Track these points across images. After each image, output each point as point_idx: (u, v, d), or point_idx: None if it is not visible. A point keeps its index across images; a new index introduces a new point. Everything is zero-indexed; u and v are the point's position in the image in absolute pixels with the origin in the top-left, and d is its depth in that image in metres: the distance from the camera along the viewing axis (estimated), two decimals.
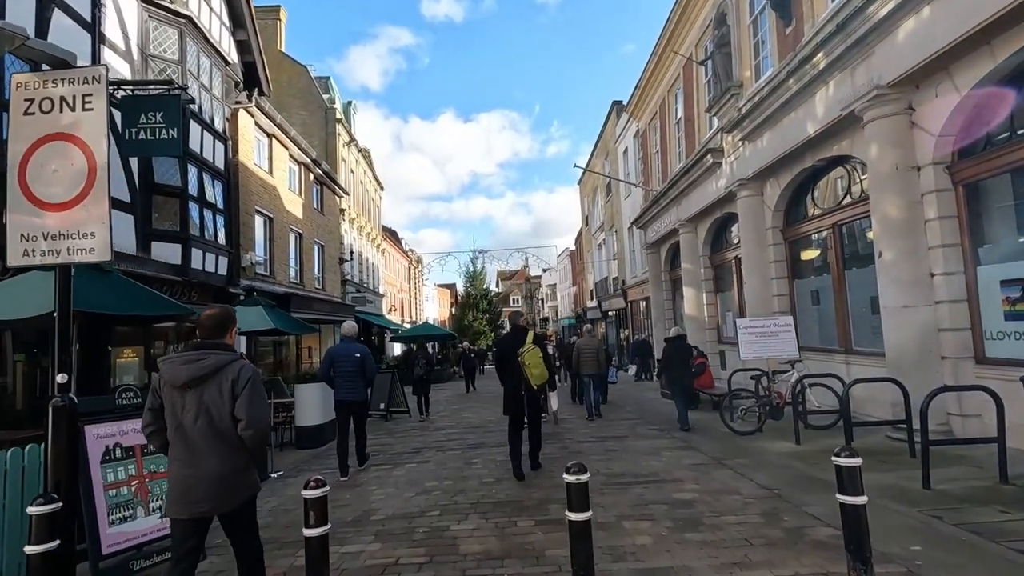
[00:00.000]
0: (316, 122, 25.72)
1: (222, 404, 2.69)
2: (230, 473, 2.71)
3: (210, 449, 2.67)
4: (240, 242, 12.98)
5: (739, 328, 8.34)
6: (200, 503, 2.66)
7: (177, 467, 2.70)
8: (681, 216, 14.75)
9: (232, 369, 2.74)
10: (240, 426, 2.69)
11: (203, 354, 2.76)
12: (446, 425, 10.57)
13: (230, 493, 2.71)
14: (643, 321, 22.59)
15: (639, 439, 7.94)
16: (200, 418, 2.68)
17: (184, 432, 2.69)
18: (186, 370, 2.70)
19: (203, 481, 2.65)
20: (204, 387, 2.70)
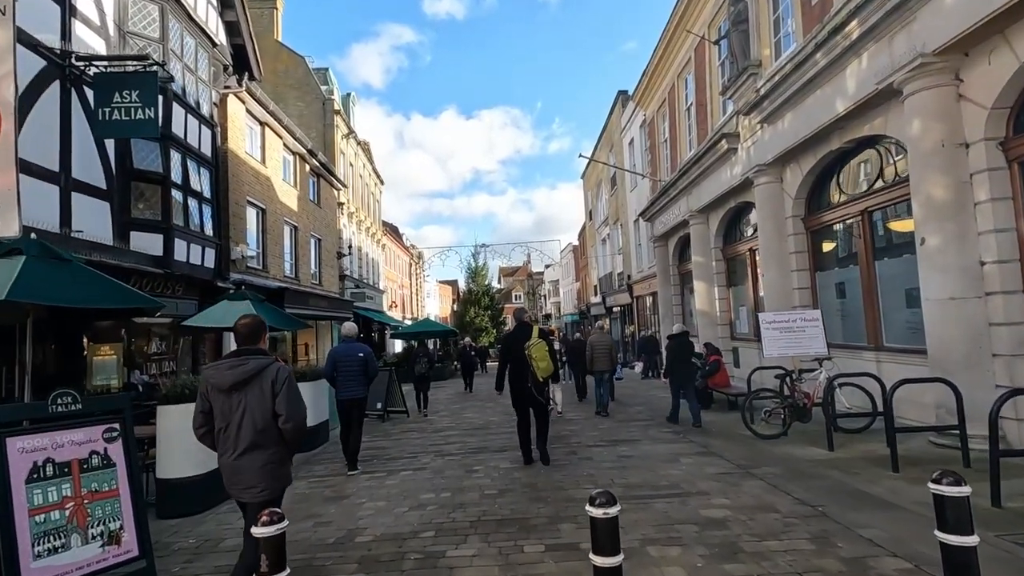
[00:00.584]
0: (313, 113, 25.09)
1: (264, 402, 3.01)
2: (270, 464, 3.03)
3: (254, 444, 2.99)
4: (230, 234, 12.38)
5: (762, 323, 7.70)
6: (245, 490, 3.01)
7: (225, 458, 3.05)
8: (692, 207, 14.10)
9: (271, 371, 3.06)
10: (280, 420, 3.01)
11: (244, 359, 3.07)
12: (446, 426, 9.98)
13: (270, 481, 3.03)
14: (649, 317, 21.96)
15: (654, 443, 7.32)
16: (245, 416, 2.99)
17: (231, 429, 3.01)
18: (231, 374, 3.01)
19: (248, 471, 2.99)
20: (247, 388, 3.01)
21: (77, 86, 7.81)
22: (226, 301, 9.25)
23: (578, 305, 45.22)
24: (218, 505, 5.37)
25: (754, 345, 12.10)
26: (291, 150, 16.93)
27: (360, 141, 29.77)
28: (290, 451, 3.21)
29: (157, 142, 9.22)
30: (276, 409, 3.01)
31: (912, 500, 4.30)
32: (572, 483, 5.48)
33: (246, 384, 3.02)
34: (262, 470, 3.01)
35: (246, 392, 3.02)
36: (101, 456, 3.42)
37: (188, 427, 4.96)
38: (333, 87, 27.42)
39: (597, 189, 32.14)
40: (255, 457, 3.00)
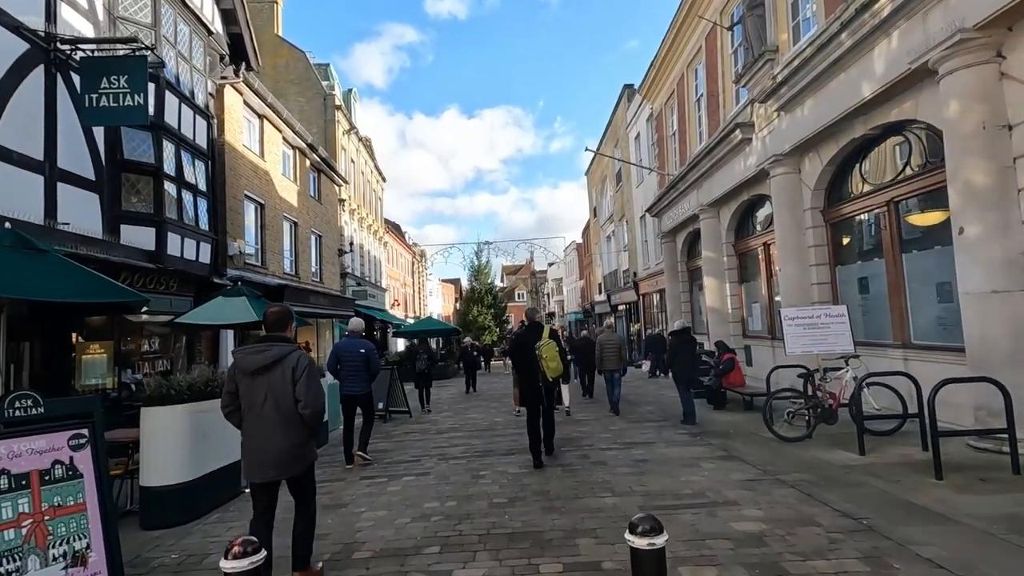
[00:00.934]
0: (314, 109, 24.72)
1: (285, 387, 3.17)
2: (292, 446, 3.21)
3: (277, 426, 3.16)
4: (227, 229, 12.02)
5: (784, 319, 7.30)
6: (269, 470, 3.20)
7: (251, 441, 3.22)
8: (702, 200, 13.68)
9: (292, 358, 3.23)
10: (300, 406, 3.17)
11: (268, 345, 3.26)
12: (449, 427, 9.59)
13: (293, 462, 3.24)
14: (656, 314, 21.55)
15: (670, 445, 6.92)
16: (268, 399, 3.17)
17: (256, 411, 3.19)
18: (255, 359, 3.20)
19: (271, 452, 3.17)
20: (270, 373, 3.18)
21: (63, 71, 7.44)
22: (221, 297, 8.88)
23: (582, 303, 44.81)
24: (206, 515, 5.00)
25: (767, 343, 11.71)
26: (291, 144, 16.56)
27: (362, 137, 29.40)
28: (310, 434, 3.38)
29: (149, 132, 8.85)
30: (296, 395, 3.18)
31: (966, 512, 3.90)
32: (587, 490, 5.09)
33: (269, 369, 3.21)
34: (287, 451, 3.22)
35: (269, 376, 3.21)
36: (66, 466, 3.05)
37: (174, 430, 4.80)
38: (334, 82, 27.05)
39: (602, 185, 31.71)
40: (279, 438, 3.20)
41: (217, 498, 5.25)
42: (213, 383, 5.32)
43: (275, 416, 3.19)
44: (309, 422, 3.26)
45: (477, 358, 18.23)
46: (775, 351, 11.36)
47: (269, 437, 3.19)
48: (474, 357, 17.45)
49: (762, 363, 11.84)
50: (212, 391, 5.26)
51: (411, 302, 45.04)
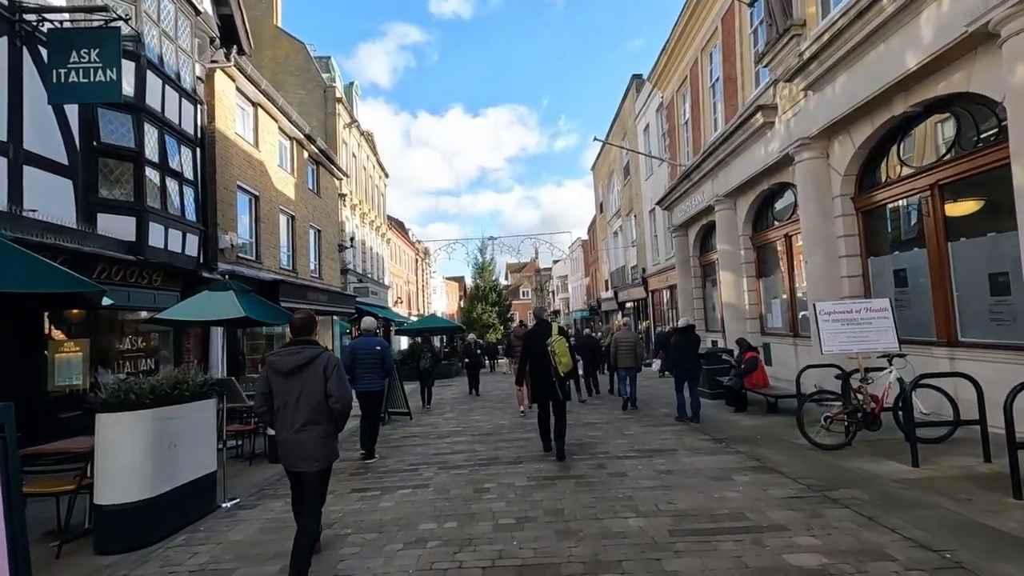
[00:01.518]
0: (315, 102, 24.13)
1: (317, 385, 3.47)
2: (321, 438, 3.48)
3: (310, 421, 3.45)
4: (218, 221, 11.42)
5: (819, 314, 6.61)
6: (301, 461, 3.45)
7: (284, 434, 3.49)
8: (718, 191, 12.99)
9: (323, 359, 3.54)
10: (331, 401, 3.48)
11: (300, 348, 3.58)
12: (451, 431, 8.96)
13: (321, 453, 3.48)
14: (666, 311, 20.87)
15: (694, 453, 6.26)
16: (302, 397, 3.46)
17: (290, 408, 3.47)
18: (290, 360, 3.51)
19: (303, 445, 3.44)
20: (303, 373, 3.48)
21: (29, 44, 6.85)
22: (206, 292, 8.27)
23: (587, 301, 44.14)
24: (171, 537, 4.38)
25: (789, 341, 11.03)
26: (287, 134, 15.95)
27: (363, 131, 28.80)
28: (336, 428, 3.62)
29: (129, 114, 8.25)
30: (327, 391, 3.47)
31: None
32: (607, 508, 4.44)
33: (302, 369, 3.49)
34: (318, 443, 3.47)
35: (302, 376, 3.48)
36: None
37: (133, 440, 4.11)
38: (335, 75, 26.45)
39: (609, 180, 31.00)
40: (311, 432, 3.45)
41: (184, 517, 4.63)
42: (183, 386, 4.71)
43: (308, 412, 3.46)
44: (338, 415, 3.55)
45: (481, 357, 17.10)
46: (798, 350, 10.69)
47: (301, 430, 3.45)
48: (478, 356, 16.24)
49: (783, 362, 11.18)
50: (181, 395, 4.65)
51: (414, 300, 44.49)
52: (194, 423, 4.84)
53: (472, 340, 16.98)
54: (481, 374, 15.87)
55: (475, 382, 14.69)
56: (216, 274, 11.06)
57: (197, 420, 4.89)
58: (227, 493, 5.48)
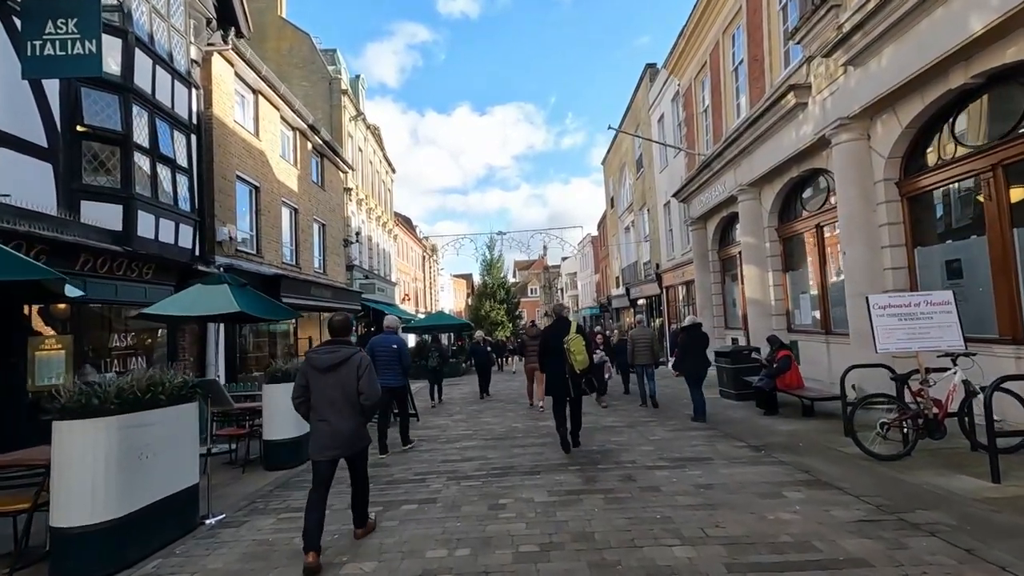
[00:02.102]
0: (319, 94, 23.61)
1: (351, 381, 3.90)
2: (355, 428, 3.96)
3: (343, 412, 3.89)
4: (216, 212, 10.88)
5: (873, 308, 5.93)
6: (335, 449, 3.90)
7: (322, 426, 3.89)
8: (741, 180, 12.29)
9: (357, 358, 3.97)
10: (362, 397, 3.91)
11: (337, 347, 4.02)
12: (461, 435, 8.36)
13: (355, 441, 3.99)
14: (682, 308, 20.16)
15: (733, 463, 5.62)
16: (337, 391, 3.89)
17: (326, 401, 3.89)
18: (327, 358, 3.93)
19: (339, 434, 3.88)
20: (338, 370, 3.90)
21: (3, 15, 6.29)
22: (199, 285, 7.72)
23: (597, 298, 43.43)
24: (141, 563, 3.80)
25: (820, 339, 10.32)
26: (290, 124, 15.39)
27: (369, 125, 28.26)
28: (367, 419, 4.08)
29: (116, 95, 7.69)
30: (359, 388, 3.86)
31: None
32: (645, 533, 3.81)
33: (337, 367, 3.87)
34: (351, 432, 3.90)
35: (337, 372, 3.87)
36: None
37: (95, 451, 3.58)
38: (341, 67, 25.90)
39: (620, 174, 30.27)
40: (345, 422, 3.86)
41: (159, 538, 4.05)
42: (158, 388, 4.13)
43: (342, 405, 3.86)
44: (367, 410, 3.98)
45: (491, 355, 15.52)
46: (830, 348, 10.00)
47: (337, 422, 3.85)
48: (487, 354, 14.58)
49: (813, 361, 10.48)
50: (155, 398, 4.07)
51: (422, 297, 43.98)
52: (172, 430, 4.26)
53: (480, 337, 15.81)
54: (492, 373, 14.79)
55: (485, 383, 13.58)
56: (213, 268, 10.53)
57: (175, 427, 4.31)
58: (213, 507, 4.91)
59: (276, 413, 6.73)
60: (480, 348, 14.46)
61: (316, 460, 3.90)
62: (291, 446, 6.74)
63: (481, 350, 14.27)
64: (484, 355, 14.10)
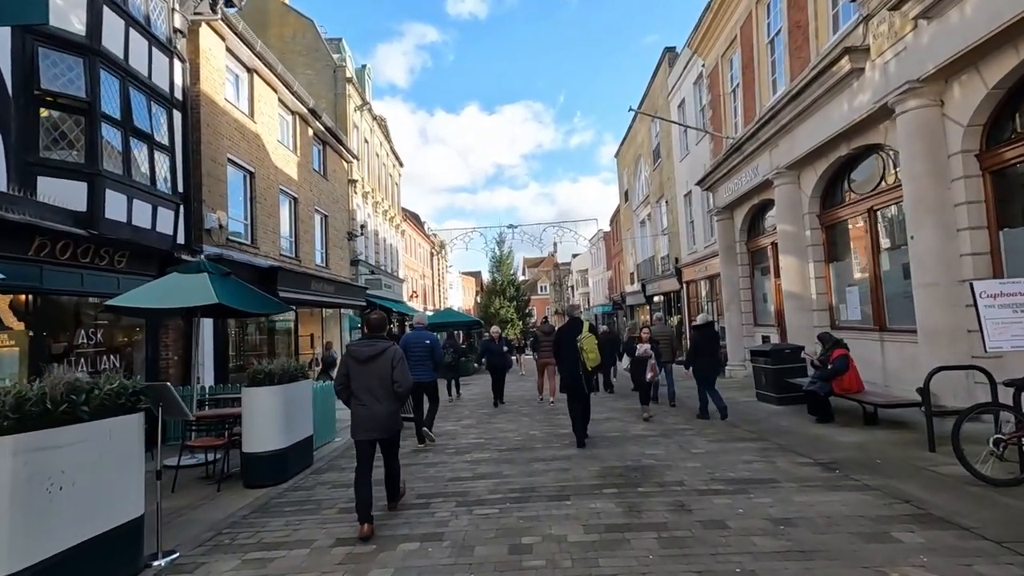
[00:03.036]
0: (323, 82, 22.70)
1: (386, 372, 4.42)
2: (390, 414, 4.44)
3: (380, 399, 4.40)
4: (203, 197, 9.95)
5: (980, 297, 4.85)
6: (374, 431, 4.41)
7: (361, 410, 4.40)
8: (778, 163, 11.18)
9: (391, 351, 4.48)
10: (395, 385, 4.42)
11: (374, 341, 4.58)
12: (472, 444, 7.37)
13: (390, 424, 4.46)
14: (705, 304, 19.05)
15: (806, 487, 4.57)
16: (374, 380, 4.41)
17: (365, 389, 4.42)
18: (366, 351, 4.46)
19: (376, 418, 4.38)
20: (375, 362, 4.43)
21: None
22: (175, 274, 6.82)
23: (610, 295, 42.33)
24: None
25: (872, 336, 9.19)
26: (289, 108, 14.46)
27: (376, 116, 27.32)
28: (400, 405, 4.56)
29: (80, 57, 6.76)
30: (393, 377, 4.42)
31: None
32: None
33: (374, 359, 4.45)
34: (387, 417, 4.43)
35: (375, 364, 4.44)
36: None
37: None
38: (346, 56, 24.99)
39: (635, 165, 29.14)
40: (381, 408, 4.40)
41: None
42: (80, 396, 3.17)
43: (379, 392, 4.41)
44: (401, 397, 4.50)
45: (506, 355, 12.60)
46: (884, 347, 8.89)
47: (374, 407, 4.39)
48: (503, 354, 12.11)
49: (864, 361, 9.29)
50: (75, 410, 3.10)
51: (430, 294, 43.10)
52: (100, 451, 3.29)
53: (496, 333, 13.07)
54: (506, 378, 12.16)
55: (499, 388, 11.37)
56: (200, 258, 9.62)
57: (106, 447, 3.35)
58: (169, 541, 3.95)
59: (258, 421, 5.78)
60: (494, 346, 12.20)
61: (358, 440, 4.44)
62: (275, 460, 5.79)
63: (495, 348, 12.07)
64: (499, 355, 11.88)
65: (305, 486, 5.68)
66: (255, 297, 7.42)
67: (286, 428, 5.95)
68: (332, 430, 8.42)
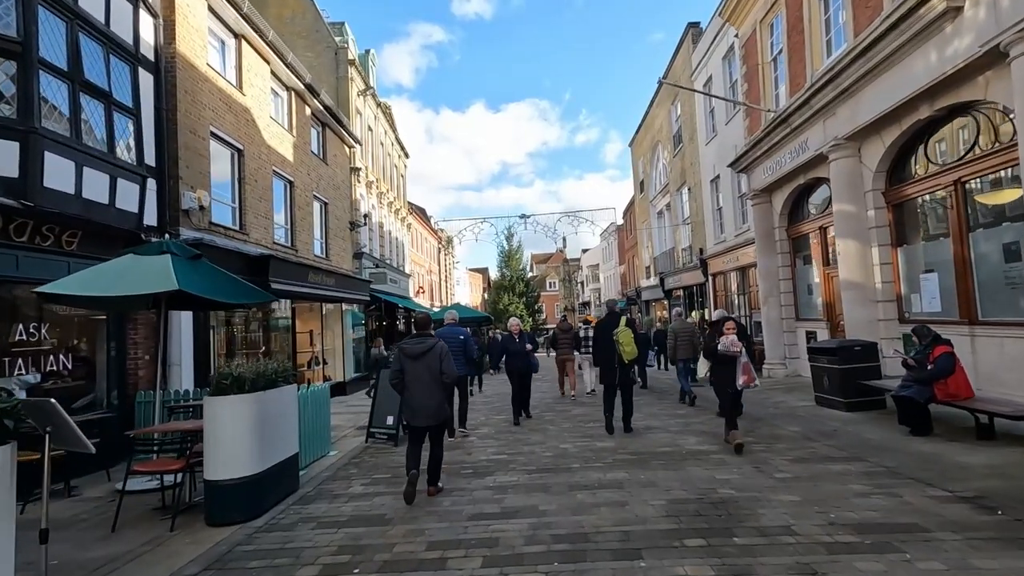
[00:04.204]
0: (325, 65, 21.42)
1: (435, 365, 4.98)
2: (439, 403, 5.02)
3: (430, 389, 4.97)
4: (180, 174, 8.69)
5: None
6: (427, 419, 4.98)
7: (413, 400, 4.99)
8: (836, 133, 9.80)
9: (438, 347, 5.06)
10: (444, 377, 5.00)
11: (424, 338, 5.14)
12: (493, 462, 6.08)
13: (439, 412, 5.04)
14: (735, 298, 17.66)
15: (972, 541, 3.23)
16: (425, 373, 4.97)
17: (416, 381, 4.97)
18: (418, 347, 5.05)
19: (427, 408, 4.97)
20: (425, 357, 5.00)
21: None
22: (130, 255, 5.55)
23: (623, 290, 40.92)
24: None
25: (961, 330, 7.75)
26: (283, 82, 13.19)
27: (381, 103, 26.01)
28: (448, 394, 5.23)
29: None
30: (442, 369, 4.98)
31: None
32: None
33: (424, 354, 5.00)
34: (438, 406, 5.02)
35: (425, 358, 4.99)
36: None
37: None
38: (348, 39, 23.70)
39: (652, 153, 27.72)
40: (432, 397, 4.98)
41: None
42: None
43: (429, 383, 4.96)
44: (448, 386, 5.16)
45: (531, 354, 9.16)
46: (975, 342, 7.51)
47: (425, 397, 4.95)
48: (526, 355, 8.95)
49: None
50: None
51: (437, 290, 41.84)
52: None
53: (515, 327, 9.59)
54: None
55: (523, 399, 8.84)
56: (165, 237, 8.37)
57: None
58: None
59: (224, 441, 4.50)
60: (514, 345, 9.12)
61: (411, 426, 5.08)
62: (246, 489, 4.50)
63: (516, 348, 9.01)
64: (521, 356, 8.90)
65: (284, 523, 4.40)
66: (231, 285, 6.14)
67: (261, 448, 4.67)
68: (327, 443, 7.16)
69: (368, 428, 7.92)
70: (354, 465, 6.38)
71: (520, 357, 8.87)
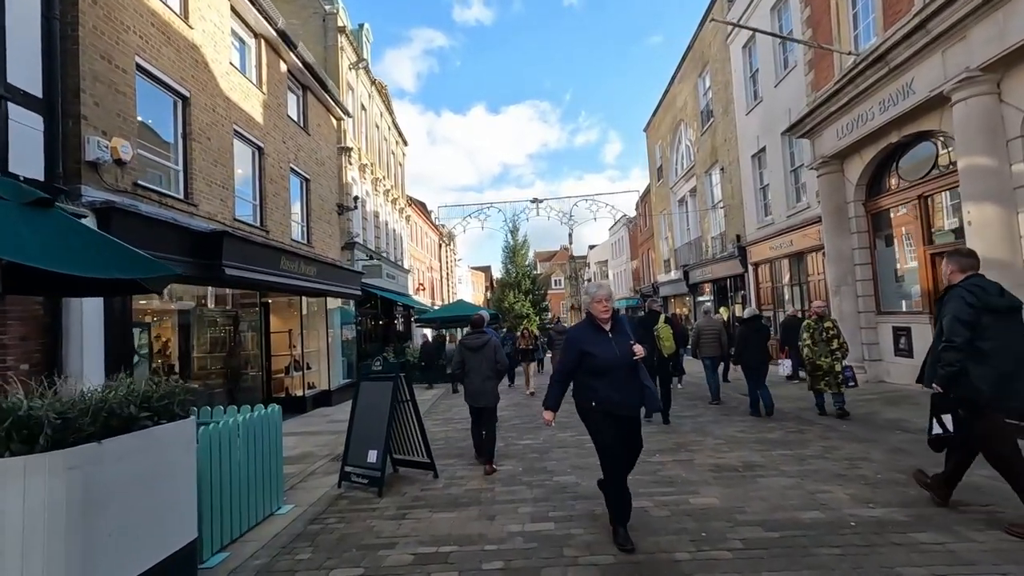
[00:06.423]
0: (312, 33, 19.01)
1: (491, 356, 6.00)
2: (491, 389, 5.98)
3: (486, 377, 5.94)
4: (84, 112, 6.29)
5: None
6: (480, 399, 5.97)
7: (472, 386, 6.00)
8: (968, 61, 7.41)
9: (493, 341, 6.10)
10: (498, 365, 6.03)
11: (479, 335, 6.20)
12: (517, 496, 3.69)
13: (489, 398, 5.95)
14: (786, 290, 15.24)
15: None
16: (483, 363, 5.97)
17: (475, 371, 6.02)
18: (476, 342, 6.09)
19: (483, 392, 5.95)
20: (482, 350, 6.03)
21: None
22: None
23: (636, 286, 38.49)
24: None
25: None
26: (249, 26, 10.79)
27: (375, 80, 23.61)
28: (499, 380, 6.21)
29: None
30: (496, 359, 5.99)
31: None
32: None
33: (482, 348, 6.05)
34: (492, 391, 5.97)
35: (482, 351, 6.03)
36: None
37: None
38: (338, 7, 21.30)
39: (673, 135, 25.29)
40: (487, 384, 5.95)
41: None
42: None
43: (485, 372, 5.95)
44: (500, 373, 6.10)
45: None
46: None
47: (481, 383, 5.94)
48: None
49: None
50: None
51: (438, 288, 39.45)
52: None
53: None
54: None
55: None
56: (79, 204, 5.99)
57: None
58: None
59: None
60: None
61: (471, 405, 6.10)
62: None
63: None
64: None
65: None
66: (102, 252, 3.73)
67: (94, 557, 2.27)
68: (276, 495, 4.75)
69: (342, 467, 5.53)
70: (308, 539, 3.97)
71: None
